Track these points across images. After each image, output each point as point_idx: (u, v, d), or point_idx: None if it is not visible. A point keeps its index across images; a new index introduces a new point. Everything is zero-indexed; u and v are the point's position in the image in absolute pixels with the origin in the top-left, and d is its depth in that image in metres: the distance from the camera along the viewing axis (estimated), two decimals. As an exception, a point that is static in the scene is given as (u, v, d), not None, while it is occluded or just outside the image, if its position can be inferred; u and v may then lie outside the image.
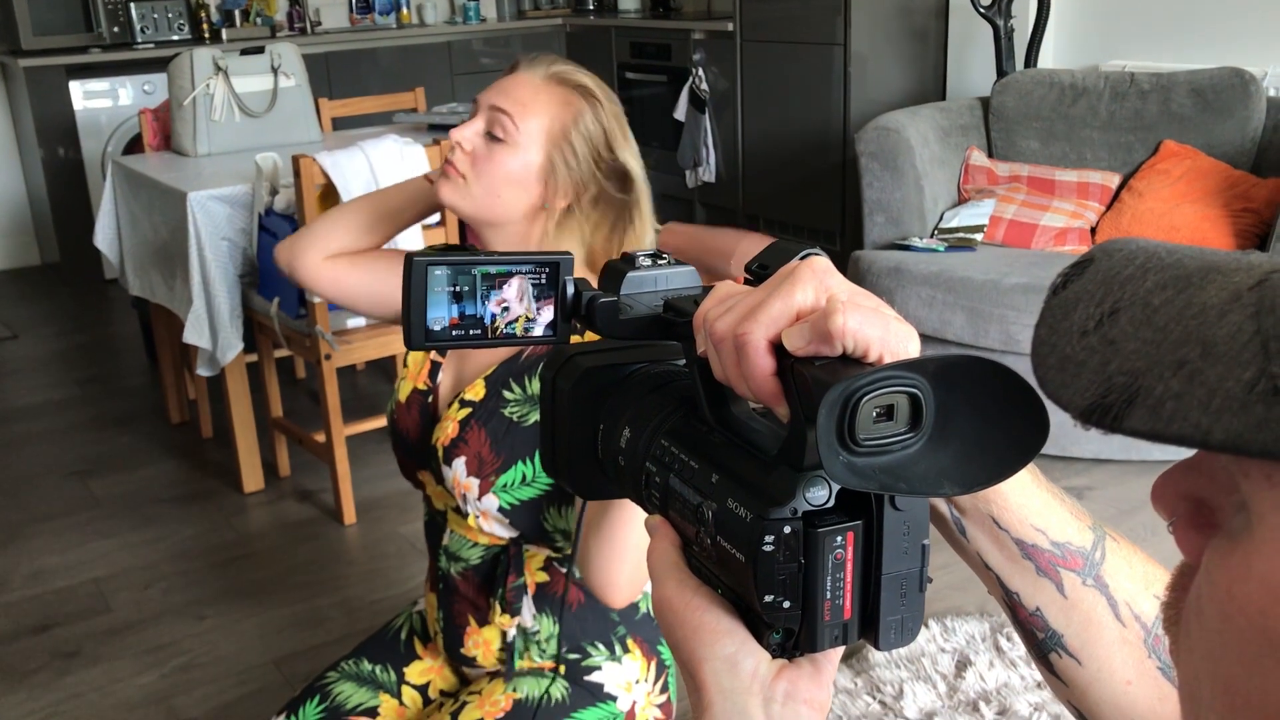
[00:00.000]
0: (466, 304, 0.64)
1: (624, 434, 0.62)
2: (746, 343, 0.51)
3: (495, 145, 1.35)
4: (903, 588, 0.54)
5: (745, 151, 5.25)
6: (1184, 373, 0.32)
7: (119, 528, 3.00)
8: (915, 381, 0.47)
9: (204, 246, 2.89)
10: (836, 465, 0.47)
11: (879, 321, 0.50)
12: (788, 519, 0.52)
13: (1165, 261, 0.36)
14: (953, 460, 0.48)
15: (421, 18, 6.32)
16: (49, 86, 5.07)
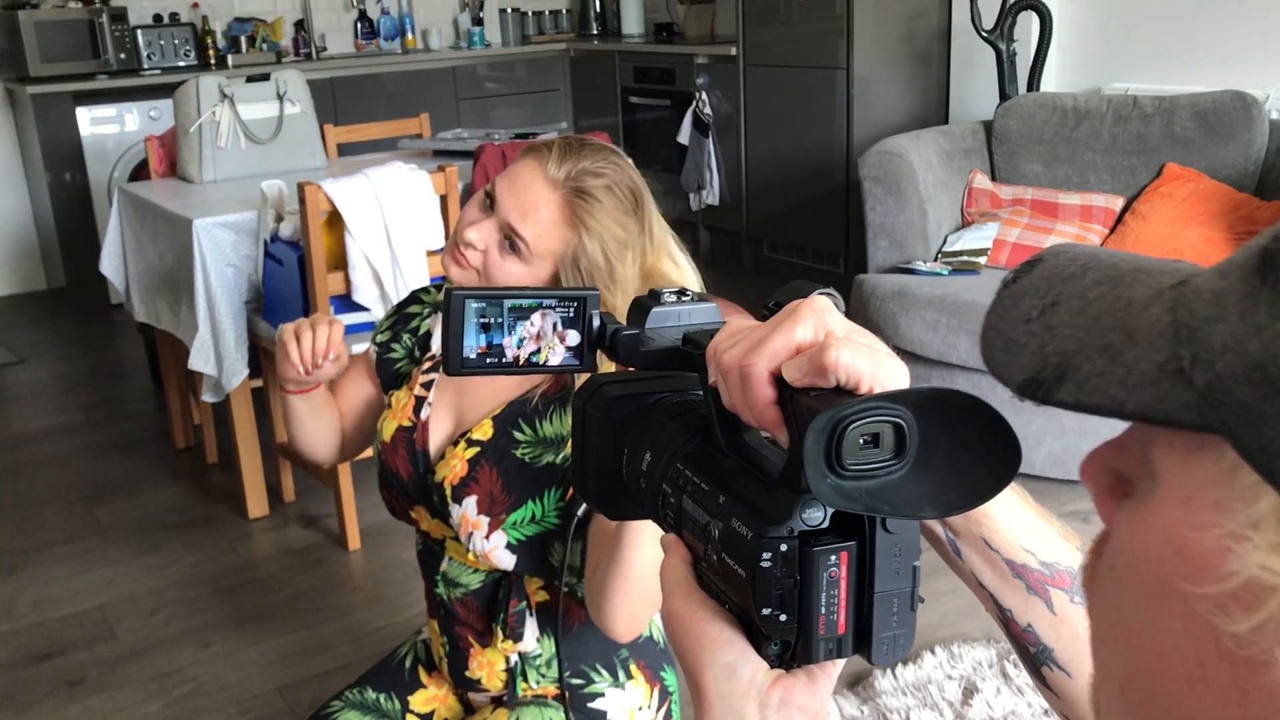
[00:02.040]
0: (494, 334, 0.70)
1: (645, 458, 0.67)
2: (750, 374, 0.56)
3: (508, 255, 1.35)
4: (895, 606, 0.58)
5: (749, 175, 5.26)
6: (1108, 354, 0.37)
7: (124, 554, 3.00)
8: (899, 412, 0.51)
9: (209, 273, 2.90)
10: (824, 487, 0.51)
11: (870, 357, 0.55)
12: (785, 538, 0.56)
13: (1104, 263, 0.41)
14: (934, 486, 0.52)
15: (426, 43, 6.35)
16: (56, 113, 5.11)
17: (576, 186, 1.34)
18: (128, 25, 5.43)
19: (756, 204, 5.27)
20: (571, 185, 1.34)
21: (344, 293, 2.81)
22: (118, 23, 5.38)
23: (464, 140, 3.72)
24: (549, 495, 1.39)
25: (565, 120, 6.44)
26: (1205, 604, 0.34)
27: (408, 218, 2.82)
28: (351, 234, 2.75)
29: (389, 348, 1.57)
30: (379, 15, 6.33)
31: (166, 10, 5.76)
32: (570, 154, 1.35)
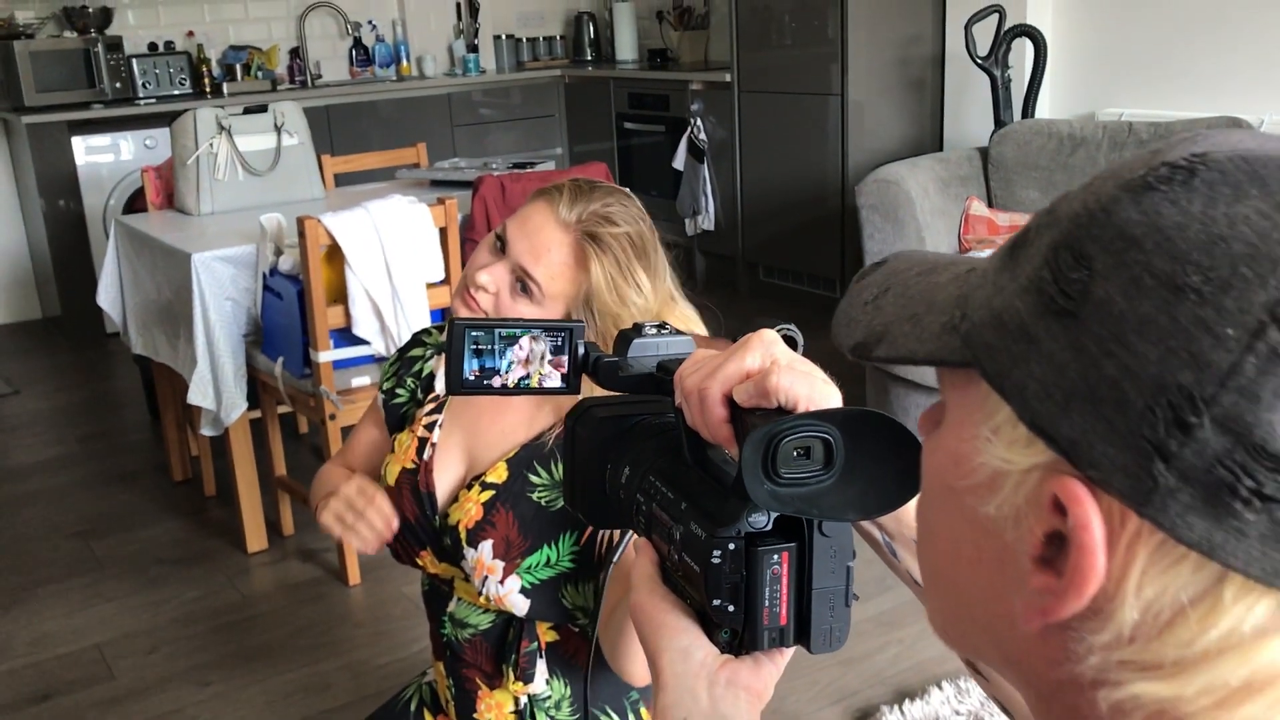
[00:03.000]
0: (486, 358, 0.78)
1: (625, 471, 0.75)
2: (706, 396, 0.66)
3: (520, 297, 1.35)
4: (831, 601, 0.67)
5: (744, 200, 5.27)
6: (913, 321, 0.49)
7: (121, 590, 2.98)
8: (827, 429, 0.59)
9: (208, 307, 2.89)
10: (761, 492, 0.59)
11: (807, 382, 0.64)
12: (733, 538, 0.65)
13: (928, 261, 0.53)
14: (857, 493, 0.61)
15: (421, 70, 6.36)
16: (51, 142, 5.10)
17: (588, 229, 1.34)
18: (123, 54, 5.44)
19: (752, 229, 5.28)
20: (583, 228, 1.34)
21: (344, 326, 2.81)
22: (113, 52, 5.39)
23: (461, 170, 3.72)
24: (564, 540, 1.38)
25: (560, 146, 6.45)
26: (970, 495, 0.46)
27: (408, 251, 2.81)
28: (351, 267, 2.75)
29: (394, 393, 1.57)
30: (374, 42, 6.34)
31: (161, 39, 5.77)
32: (581, 196, 1.35)
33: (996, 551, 0.45)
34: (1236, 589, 0.40)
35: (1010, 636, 0.46)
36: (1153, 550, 0.40)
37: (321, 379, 2.78)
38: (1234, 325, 0.38)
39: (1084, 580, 0.41)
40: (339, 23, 6.24)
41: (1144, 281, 0.40)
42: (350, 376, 2.88)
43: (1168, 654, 0.41)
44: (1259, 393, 0.38)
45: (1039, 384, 0.42)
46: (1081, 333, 0.41)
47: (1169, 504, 0.39)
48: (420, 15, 6.46)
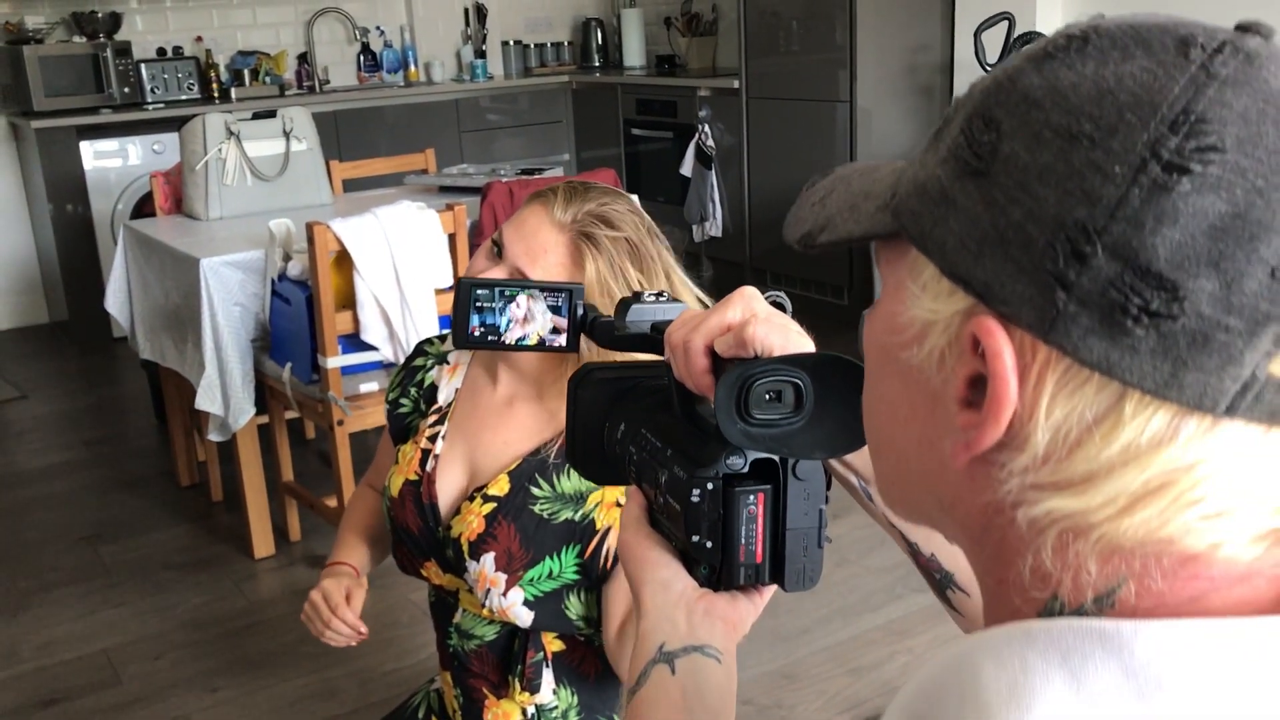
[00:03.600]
0: (488, 315, 0.83)
1: (620, 428, 0.80)
2: (689, 347, 0.71)
3: None
4: (805, 542, 0.71)
5: (752, 206, 5.27)
6: (852, 209, 0.54)
7: (129, 595, 2.98)
8: (796, 374, 0.64)
9: (216, 312, 2.89)
10: (734, 431, 0.64)
11: (782, 333, 0.69)
12: (711, 478, 0.69)
13: (870, 166, 0.58)
14: (826, 434, 0.65)
15: (429, 76, 6.37)
16: (60, 147, 5.11)
17: (583, 229, 1.33)
18: (131, 59, 5.45)
19: (760, 236, 5.28)
20: (578, 228, 1.34)
21: (352, 332, 2.80)
22: (121, 57, 5.40)
23: (470, 176, 3.72)
24: (567, 552, 1.38)
25: (568, 152, 6.45)
26: (902, 350, 0.51)
27: (416, 257, 2.81)
28: (360, 273, 2.74)
29: (398, 403, 1.56)
30: (382, 48, 6.35)
31: (170, 44, 5.78)
32: (576, 197, 1.35)
33: (927, 402, 0.50)
34: (1134, 404, 0.44)
35: (943, 480, 0.51)
36: (1059, 376, 0.45)
37: (329, 385, 2.78)
38: (1120, 163, 0.43)
39: (1000, 408, 0.46)
40: (347, 28, 6.25)
41: (1044, 135, 0.45)
42: (358, 382, 2.88)
43: (1076, 470, 0.45)
44: (1143, 220, 0.42)
45: (956, 238, 0.47)
46: (992, 187, 0.46)
47: (1070, 329, 0.44)
48: (428, 21, 6.46)
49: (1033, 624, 0.47)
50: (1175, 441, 0.44)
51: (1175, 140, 0.43)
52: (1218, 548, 0.45)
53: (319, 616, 1.47)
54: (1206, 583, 0.46)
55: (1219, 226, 0.42)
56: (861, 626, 2.63)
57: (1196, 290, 0.42)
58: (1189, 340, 0.43)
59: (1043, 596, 0.48)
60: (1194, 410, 0.43)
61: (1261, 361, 0.43)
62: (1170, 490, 0.44)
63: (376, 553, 1.63)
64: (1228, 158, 0.42)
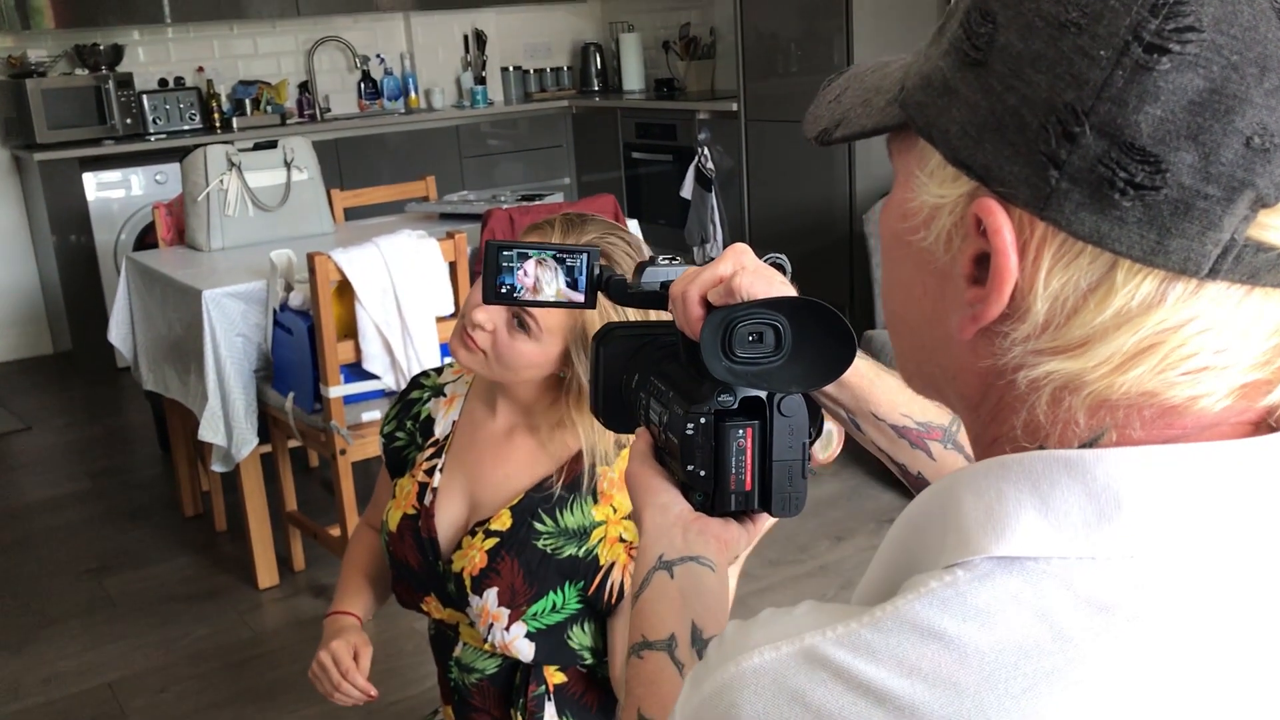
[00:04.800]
0: (505, 275, 0.88)
1: (635, 378, 0.88)
2: (686, 297, 0.78)
3: (518, 333, 1.34)
4: (789, 472, 0.79)
5: (752, 228, 5.28)
6: (865, 105, 0.58)
7: (133, 628, 2.97)
8: (775, 317, 0.71)
9: (219, 344, 2.90)
10: (719, 368, 0.71)
11: (766, 282, 0.76)
12: (704, 413, 0.77)
13: (881, 62, 0.62)
14: (802, 371, 0.72)
15: (430, 102, 6.40)
16: (63, 178, 5.13)
17: None
18: (133, 91, 5.48)
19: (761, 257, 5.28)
20: None
21: (354, 361, 2.81)
22: (123, 88, 5.43)
23: (470, 203, 3.73)
24: (570, 586, 1.37)
25: (568, 176, 6.47)
26: (912, 234, 0.55)
27: (418, 285, 2.82)
28: (362, 303, 2.75)
29: (394, 436, 1.56)
30: (382, 75, 6.39)
31: (172, 75, 5.81)
32: (573, 230, 1.35)
33: (936, 281, 0.54)
34: (1125, 272, 0.47)
35: (948, 352, 0.55)
36: (1056, 249, 0.48)
37: (332, 414, 2.78)
38: (1105, 47, 0.46)
39: (1002, 280, 0.50)
40: (347, 56, 6.29)
41: (1035, 24, 0.48)
42: (360, 411, 2.88)
43: (1074, 335, 0.49)
44: (1127, 99, 0.46)
45: (959, 125, 0.50)
46: (989, 76, 0.49)
47: (1064, 204, 0.47)
48: (428, 48, 6.50)
49: (1007, 458, 0.51)
50: (1164, 304, 0.47)
51: (1155, 22, 0.45)
52: (1196, 400, 0.49)
53: (328, 679, 1.47)
54: (1179, 431, 0.50)
55: (1197, 102, 0.45)
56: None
57: (1177, 162, 0.45)
58: (1172, 209, 0.46)
59: (1031, 446, 0.53)
60: (1180, 274, 0.47)
61: (1240, 225, 0.46)
62: (1160, 349, 0.48)
63: (379, 595, 1.62)
64: (1205, 37, 0.45)
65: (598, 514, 1.37)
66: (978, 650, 0.47)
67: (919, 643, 0.48)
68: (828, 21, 4.64)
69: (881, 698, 0.47)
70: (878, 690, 0.47)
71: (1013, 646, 0.47)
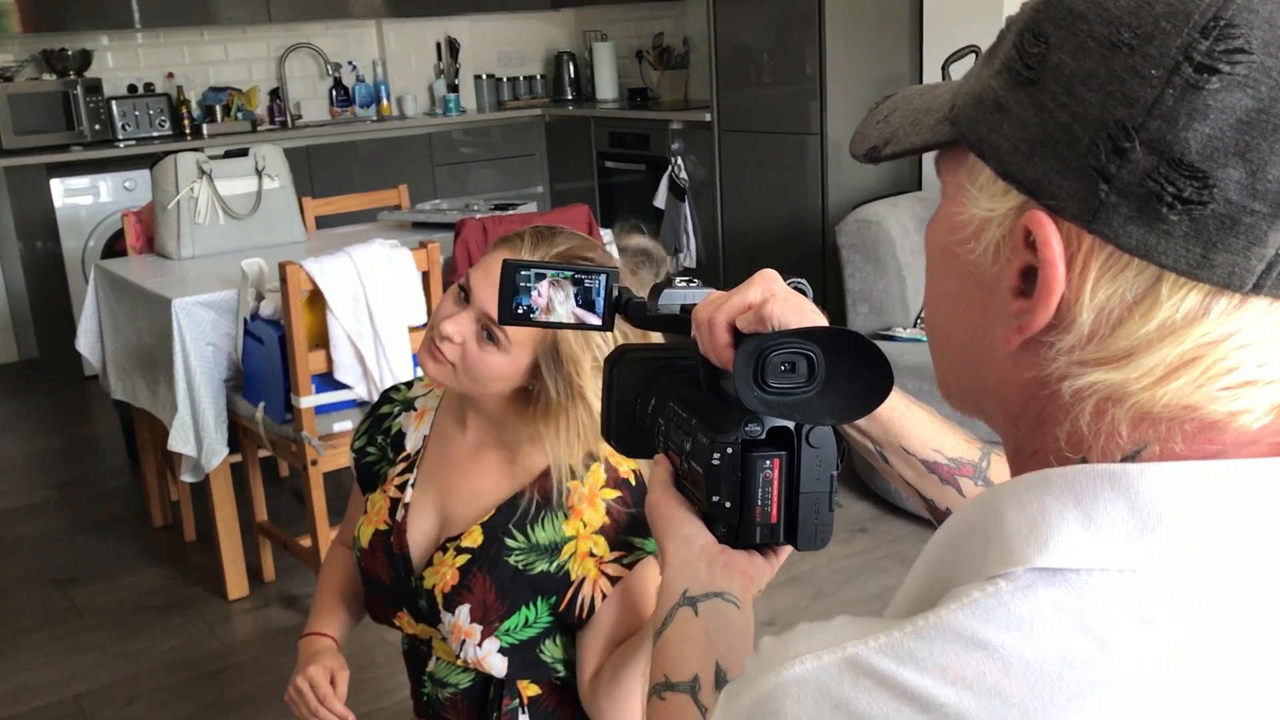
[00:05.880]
0: (522, 296, 0.87)
1: (651, 403, 0.86)
2: (713, 324, 0.77)
3: (486, 345, 1.33)
4: (817, 505, 0.76)
5: (725, 238, 5.30)
6: (914, 124, 0.60)
7: (101, 639, 2.94)
8: (809, 347, 0.69)
9: (189, 353, 2.88)
10: (751, 398, 0.69)
11: (798, 311, 0.76)
12: (731, 443, 0.75)
13: (928, 86, 0.64)
14: (835, 402, 0.70)
15: (402, 110, 6.39)
16: (30, 185, 5.08)
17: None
18: (102, 96, 5.44)
19: (733, 267, 5.30)
20: None
21: (326, 371, 2.79)
22: (92, 94, 5.38)
23: (443, 212, 3.73)
24: (542, 602, 1.37)
25: (541, 185, 6.47)
26: (960, 246, 0.55)
27: (390, 295, 2.81)
28: (333, 312, 2.74)
29: (365, 451, 1.55)
30: (354, 83, 6.36)
31: (141, 81, 5.77)
32: (543, 241, 1.34)
33: (982, 294, 0.55)
34: (1170, 285, 0.49)
35: (991, 364, 0.56)
36: (1103, 262, 0.50)
37: (303, 424, 2.77)
38: (1156, 66, 0.47)
39: (1050, 292, 0.51)
40: (319, 63, 6.26)
41: (1088, 45, 0.50)
42: (332, 421, 2.87)
43: (1119, 346, 0.50)
44: (1177, 117, 0.47)
45: (1010, 141, 0.52)
46: (1041, 94, 0.51)
47: (1112, 218, 0.49)
48: (401, 55, 6.49)
49: (1050, 471, 0.52)
50: (1207, 317, 0.49)
51: (1206, 44, 0.47)
52: (1236, 416, 0.50)
53: (305, 705, 1.46)
54: (1219, 446, 0.51)
55: (1245, 120, 0.46)
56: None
57: (1225, 178, 0.47)
58: (1218, 224, 0.47)
59: (1074, 459, 0.53)
60: (1224, 289, 0.48)
61: None
62: (1202, 362, 0.49)
63: (354, 614, 1.61)
64: (1254, 59, 0.46)
65: (568, 529, 1.37)
66: (1022, 660, 0.48)
67: (963, 651, 0.48)
68: (800, 32, 4.67)
69: (927, 705, 0.48)
70: (923, 698, 0.48)
71: (1056, 657, 0.47)
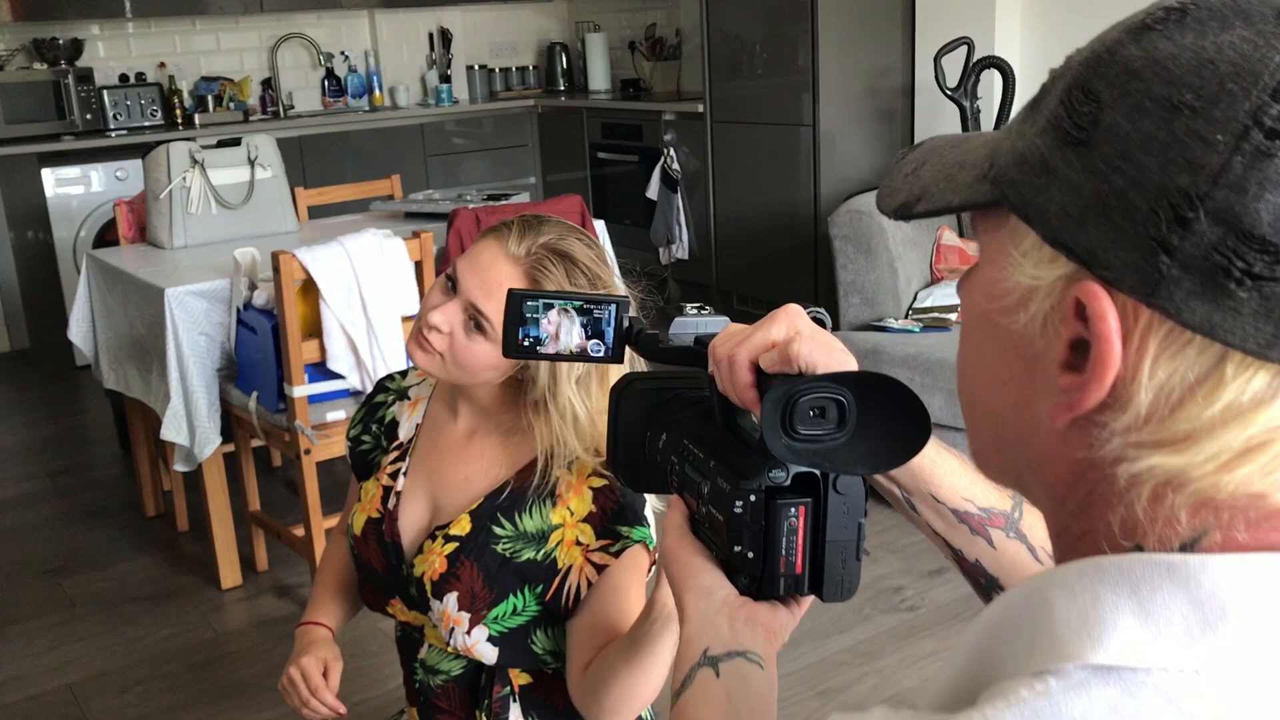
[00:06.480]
0: (530, 327, 0.84)
1: (662, 438, 0.82)
2: (734, 362, 0.73)
3: (474, 335, 1.33)
4: (843, 554, 0.72)
5: (718, 229, 5.30)
6: (948, 179, 0.56)
7: (93, 629, 2.94)
8: (840, 391, 0.65)
9: (182, 342, 2.88)
10: (779, 445, 0.65)
11: (825, 350, 0.71)
12: (754, 490, 0.71)
13: (960, 137, 0.60)
14: (867, 450, 0.66)
15: (394, 101, 6.38)
16: (21, 175, 5.07)
17: (537, 262, 1.33)
18: (93, 86, 5.42)
19: (725, 258, 5.31)
20: (532, 261, 1.33)
21: (319, 360, 2.80)
22: (83, 83, 5.37)
23: (436, 202, 3.72)
24: (529, 590, 1.38)
25: (534, 175, 6.47)
26: (1003, 315, 0.52)
27: (383, 285, 2.81)
28: (326, 302, 2.74)
29: (360, 440, 1.55)
30: (346, 73, 6.35)
31: (133, 70, 5.75)
32: (530, 231, 1.34)
33: (1026, 365, 0.52)
34: (1236, 365, 0.45)
35: (1035, 440, 0.53)
36: (1162, 338, 0.46)
37: (296, 414, 2.77)
38: (1223, 132, 0.44)
39: (1104, 369, 0.47)
40: (311, 53, 6.25)
41: (1145, 105, 0.46)
42: (325, 411, 2.87)
43: (1179, 429, 0.46)
44: (1246, 186, 0.44)
45: (1059, 205, 0.48)
46: (1093, 156, 0.47)
47: (1173, 292, 0.45)
48: (393, 46, 6.47)
49: (1103, 559, 0.48)
50: (1276, 401, 0.45)
51: (1277, 108, 0.44)
52: None
53: (297, 694, 1.47)
54: None
55: None
56: (830, 649, 2.64)
57: None
58: None
59: (1127, 546, 0.50)
60: None
61: None
62: (1270, 448, 0.46)
63: (351, 604, 1.62)
64: None
65: (555, 517, 1.37)
66: None
67: None
68: (793, 24, 4.67)
69: None
70: None
71: None
